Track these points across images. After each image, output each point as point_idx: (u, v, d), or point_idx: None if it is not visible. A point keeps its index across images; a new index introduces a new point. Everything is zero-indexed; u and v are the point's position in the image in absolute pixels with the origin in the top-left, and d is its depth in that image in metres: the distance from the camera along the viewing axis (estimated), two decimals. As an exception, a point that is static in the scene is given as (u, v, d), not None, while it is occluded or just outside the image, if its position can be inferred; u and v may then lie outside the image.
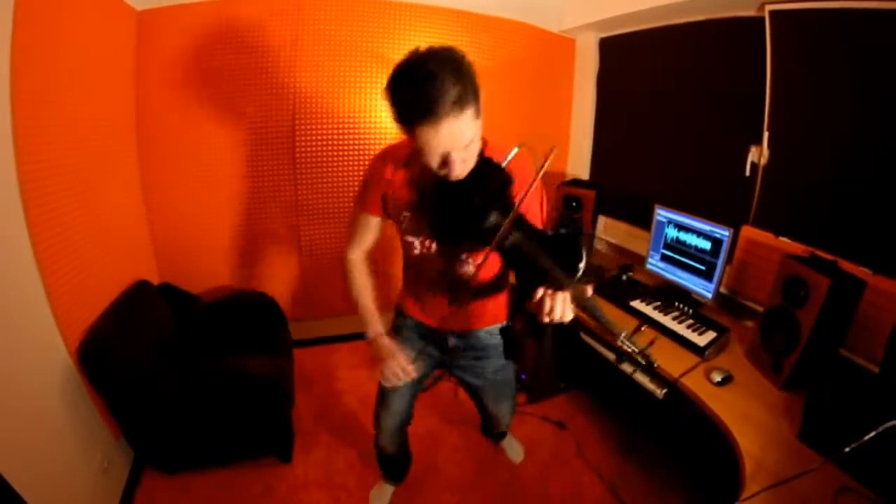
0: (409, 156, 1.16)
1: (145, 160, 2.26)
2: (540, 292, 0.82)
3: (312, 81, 2.43)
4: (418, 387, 1.54)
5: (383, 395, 1.52)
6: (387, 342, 1.27)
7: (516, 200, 0.88)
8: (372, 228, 1.30)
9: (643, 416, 2.20)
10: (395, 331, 1.48)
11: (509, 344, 1.46)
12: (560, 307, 0.82)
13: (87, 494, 1.56)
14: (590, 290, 0.85)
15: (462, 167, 0.95)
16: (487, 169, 0.97)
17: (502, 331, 1.44)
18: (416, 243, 1.22)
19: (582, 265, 0.82)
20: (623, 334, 0.85)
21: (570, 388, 2.55)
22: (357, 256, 1.35)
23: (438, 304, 1.34)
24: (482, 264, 1.00)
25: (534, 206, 1.10)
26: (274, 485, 1.89)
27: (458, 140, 0.91)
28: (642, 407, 2.04)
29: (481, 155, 0.99)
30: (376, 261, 1.40)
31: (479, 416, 1.98)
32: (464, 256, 1.21)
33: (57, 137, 1.57)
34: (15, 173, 1.35)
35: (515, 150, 0.94)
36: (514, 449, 2.11)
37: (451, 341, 1.41)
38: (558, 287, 0.81)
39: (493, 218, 0.88)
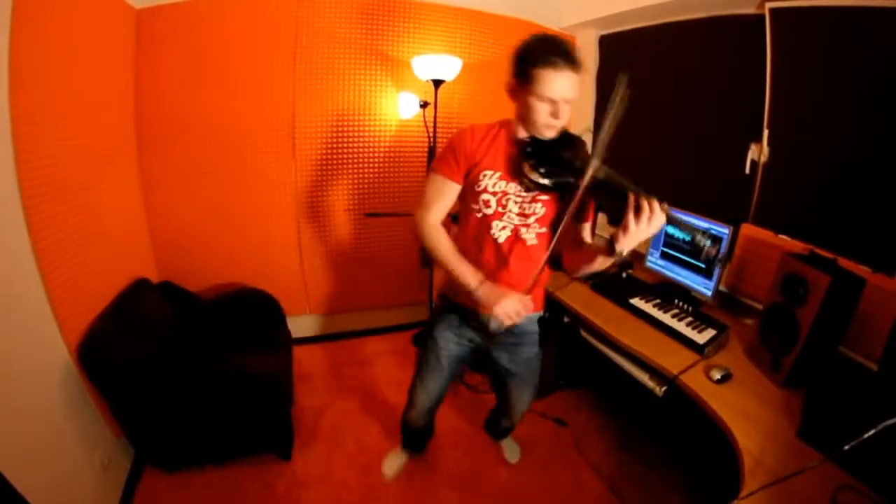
0: (492, 126, 1.34)
1: (145, 158, 2.26)
2: (643, 203, 1.02)
3: (312, 79, 2.43)
4: (455, 370, 1.63)
5: (422, 374, 1.63)
6: (493, 286, 1.30)
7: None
8: (450, 194, 1.35)
9: (642, 413, 2.21)
10: (437, 316, 1.58)
11: (545, 333, 1.56)
12: (658, 211, 1.02)
13: (88, 492, 1.57)
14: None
15: (562, 121, 1.19)
16: (569, 134, 1.26)
17: (540, 320, 1.54)
18: (493, 201, 1.31)
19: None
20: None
21: (570, 385, 2.56)
22: (436, 220, 1.37)
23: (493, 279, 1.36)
24: (577, 202, 1.16)
25: None
26: (273, 482, 1.90)
27: (571, 90, 1.15)
28: (642, 404, 2.05)
29: (567, 131, 1.25)
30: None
31: (478, 414, 1.99)
32: (537, 209, 1.32)
33: (56, 137, 1.57)
34: (14, 172, 1.34)
35: (587, 132, 1.25)
36: (511, 449, 2.11)
37: (494, 324, 1.42)
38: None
39: (580, 163, 1.14)
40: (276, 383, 1.86)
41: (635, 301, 1.93)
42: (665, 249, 2.10)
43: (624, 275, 2.20)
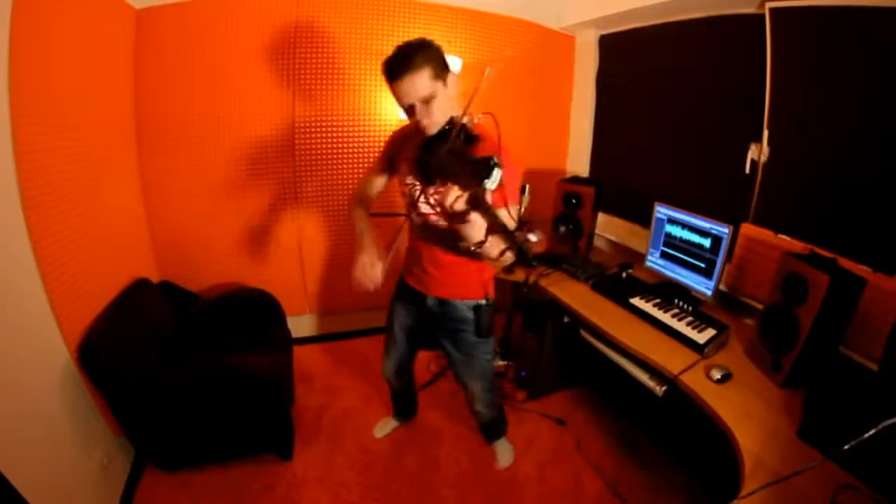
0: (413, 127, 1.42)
1: (145, 158, 2.26)
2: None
3: (312, 79, 2.42)
4: (411, 336, 1.81)
5: (386, 340, 1.88)
6: (367, 240, 1.47)
7: (481, 154, 1.06)
8: (373, 181, 1.61)
9: (643, 413, 2.21)
10: (395, 295, 1.78)
11: (480, 322, 1.60)
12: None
13: (88, 492, 1.57)
14: (489, 196, 0.96)
15: (426, 119, 1.25)
16: (451, 126, 1.23)
17: (476, 308, 1.59)
18: (408, 192, 1.48)
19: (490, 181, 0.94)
20: (515, 229, 0.94)
21: (570, 385, 2.56)
22: (359, 197, 1.63)
23: (417, 260, 1.57)
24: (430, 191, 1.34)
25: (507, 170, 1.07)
26: (274, 482, 1.90)
27: (415, 92, 1.21)
28: (642, 404, 2.05)
29: (451, 120, 1.24)
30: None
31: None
32: (430, 193, 1.40)
33: (56, 137, 1.57)
34: (14, 173, 1.34)
35: (481, 116, 1.19)
36: (503, 452, 2.08)
37: (430, 301, 1.61)
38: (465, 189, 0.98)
39: (442, 153, 1.12)
40: (276, 383, 1.86)
41: (635, 301, 1.93)
42: (665, 249, 2.10)
43: (624, 275, 2.19)
